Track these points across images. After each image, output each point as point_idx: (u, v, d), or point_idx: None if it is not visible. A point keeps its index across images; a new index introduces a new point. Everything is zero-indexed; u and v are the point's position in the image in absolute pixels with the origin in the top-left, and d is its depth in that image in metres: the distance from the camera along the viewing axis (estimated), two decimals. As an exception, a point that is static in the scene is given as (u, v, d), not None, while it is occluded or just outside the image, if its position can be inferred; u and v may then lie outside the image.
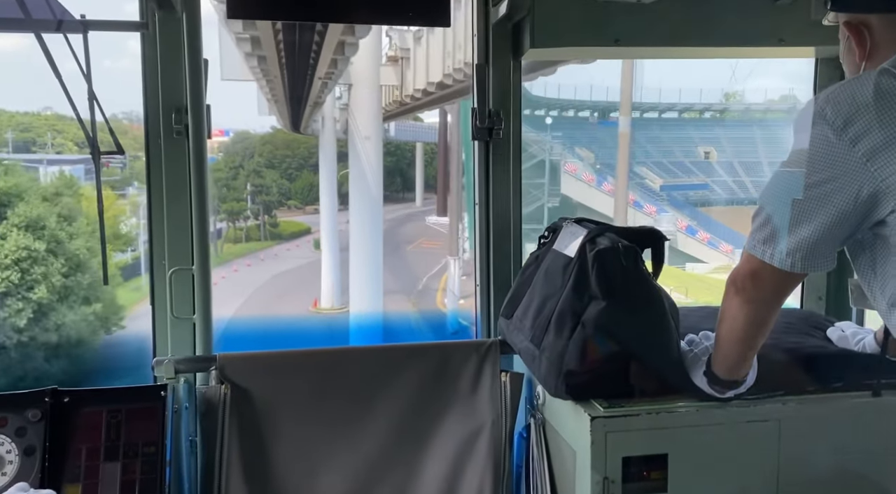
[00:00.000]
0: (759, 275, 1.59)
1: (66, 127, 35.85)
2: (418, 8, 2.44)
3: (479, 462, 2.17)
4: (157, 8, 2.18)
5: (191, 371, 2.18)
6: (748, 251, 1.60)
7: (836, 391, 1.93)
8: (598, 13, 2.27)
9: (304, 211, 41.85)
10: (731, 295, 1.67)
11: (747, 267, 1.61)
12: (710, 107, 37.65)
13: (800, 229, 1.50)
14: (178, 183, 2.26)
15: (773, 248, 1.54)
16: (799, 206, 1.50)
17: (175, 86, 2.23)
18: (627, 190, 32.06)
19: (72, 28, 2.18)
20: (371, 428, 2.16)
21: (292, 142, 42.08)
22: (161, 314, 2.30)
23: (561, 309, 1.92)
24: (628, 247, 1.87)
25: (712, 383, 1.80)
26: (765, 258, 1.55)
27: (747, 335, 1.69)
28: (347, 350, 2.27)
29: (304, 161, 41.85)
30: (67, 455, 1.88)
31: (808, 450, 1.88)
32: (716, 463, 1.84)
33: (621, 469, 1.78)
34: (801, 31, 2.39)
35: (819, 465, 1.89)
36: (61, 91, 2.12)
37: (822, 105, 1.47)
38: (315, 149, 37.50)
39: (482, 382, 2.22)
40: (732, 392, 1.82)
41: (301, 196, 42.64)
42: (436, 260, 29.88)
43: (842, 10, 1.63)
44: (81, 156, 34.04)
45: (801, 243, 1.50)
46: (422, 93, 20.43)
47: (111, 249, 25.24)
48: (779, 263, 1.53)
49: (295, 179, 42.83)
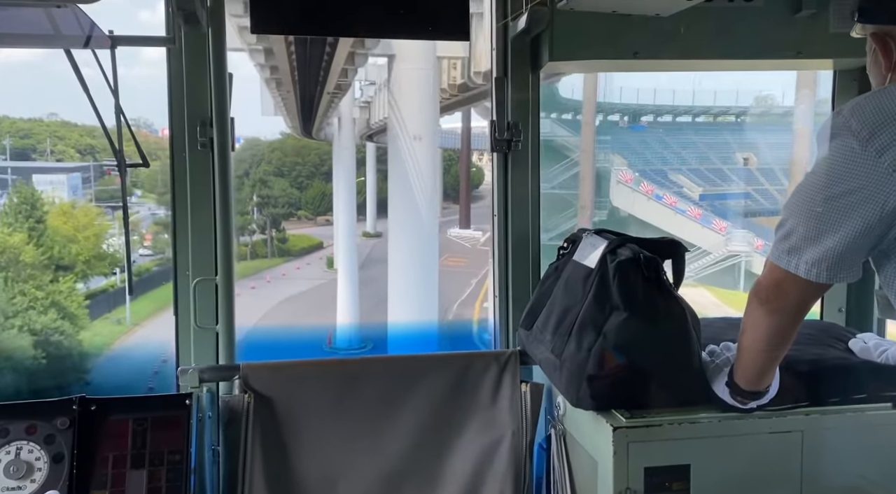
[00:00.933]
0: (783, 286, 1.59)
1: (68, 133, 34.48)
2: (438, 22, 2.48)
3: (500, 472, 2.17)
4: (183, 23, 2.22)
5: (215, 380, 2.20)
6: (772, 261, 1.60)
7: (858, 403, 1.92)
8: (617, 27, 2.29)
9: (314, 222, 40.02)
10: (754, 305, 1.67)
11: (771, 277, 1.61)
12: (748, 110, 33.48)
13: (825, 240, 1.50)
14: (203, 194, 2.30)
15: (797, 258, 1.54)
16: (824, 217, 1.50)
17: (200, 99, 2.28)
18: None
19: (100, 43, 2.23)
20: (391, 438, 2.17)
21: (302, 149, 40.34)
22: (184, 323, 2.34)
23: (582, 320, 1.93)
24: (650, 257, 1.89)
25: (735, 394, 1.80)
26: (789, 268, 1.55)
27: (770, 345, 1.69)
28: (369, 359, 2.29)
29: (316, 169, 40.30)
30: (95, 463, 1.90)
31: (831, 462, 1.87)
32: (739, 475, 1.84)
33: (643, 480, 1.79)
34: (819, 43, 2.40)
35: (842, 477, 1.88)
36: (75, 101, 2.16)
37: (848, 116, 1.48)
38: (327, 157, 35.46)
39: (502, 392, 2.23)
40: (755, 403, 1.81)
41: (312, 206, 40.73)
42: (464, 282, 27.08)
43: (869, 22, 1.64)
44: (77, 164, 32.29)
45: (826, 253, 1.51)
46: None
47: (91, 272, 23.75)
48: (804, 273, 1.53)
49: (305, 188, 40.75)
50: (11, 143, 33.02)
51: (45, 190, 27.42)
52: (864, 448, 1.88)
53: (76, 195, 30.66)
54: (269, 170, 39.91)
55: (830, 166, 1.50)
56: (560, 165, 26.94)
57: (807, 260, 1.53)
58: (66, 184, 30.48)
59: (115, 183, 30.07)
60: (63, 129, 34.80)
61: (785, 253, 1.56)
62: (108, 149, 2.21)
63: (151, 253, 29.03)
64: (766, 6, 2.37)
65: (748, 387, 1.79)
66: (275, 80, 19.44)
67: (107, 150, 2.21)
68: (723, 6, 2.35)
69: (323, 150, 38.68)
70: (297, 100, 20.73)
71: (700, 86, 32.27)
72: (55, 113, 35.23)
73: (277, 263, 34.53)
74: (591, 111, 23.82)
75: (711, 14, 2.32)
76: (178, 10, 2.12)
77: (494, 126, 2.50)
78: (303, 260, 35.32)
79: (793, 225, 1.56)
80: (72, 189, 30.60)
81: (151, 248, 29.42)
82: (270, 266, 33.71)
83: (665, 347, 1.87)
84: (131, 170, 2.19)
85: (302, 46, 14.63)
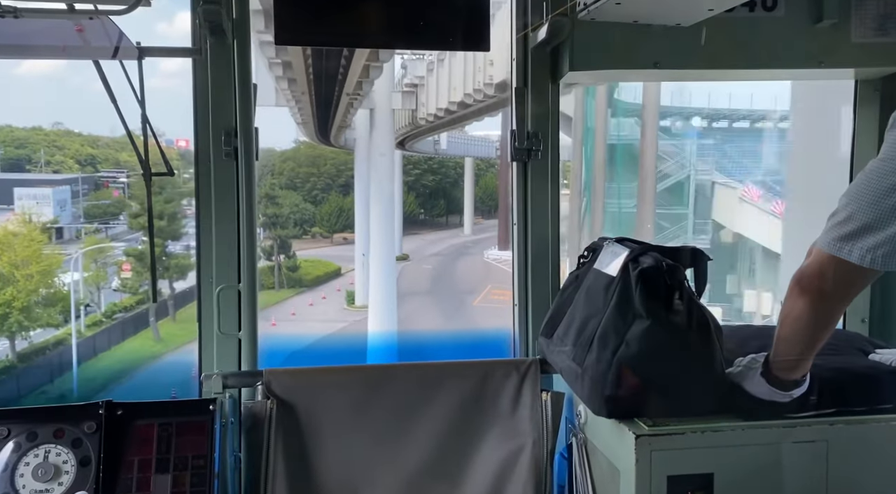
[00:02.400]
0: (831, 273, 1.59)
1: (68, 143, 31.31)
2: (458, 34, 2.51)
3: (521, 481, 2.17)
4: (209, 35, 2.26)
5: (238, 386, 2.22)
6: (821, 248, 1.60)
7: (884, 412, 1.90)
8: (637, 37, 2.30)
9: (330, 240, 36.20)
10: (795, 294, 1.66)
11: (817, 264, 1.61)
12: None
13: (886, 226, 1.50)
14: (227, 203, 2.33)
15: (851, 245, 1.54)
16: (885, 204, 1.51)
17: (225, 109, 2.31)
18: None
19: (127, 54, 2.28)
20: (412, 444, 2.18)
21: (318, 159, 37.28)
22: (207, 330, 2.36)
23: (604, 329, 1.93)
24: (672, 266, 1.89)
25: (772, 384, 1.79)
26: (841, 254, 1.55)
27: (811, 334, 1.69)
28: (390, 367, 2.30)
29: (332, 180, 37.53)
30: (121, 467, 1.92)
31: (857, 472, 1.85)
32: (762, 484, 1.83)
33: (666, 489, 1.78)
34: (841, 53, 2.40)
35: (867, 487, 1.86)
36: (84, 110, 2.21)
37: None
38: (345, 167, 32.67)
39: (522, 401, 2.23)
40: (797, 391, 1.80)
41: (328, 223, 36.94)
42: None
43: None
44: (65, 175, 28.05)
45: (885, 240, 1.51)
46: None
47: (31, 324, 18.47)
48: (857, 259, 1.53)
49: (321, 203, 37.41)
50: (3, 153, 29.91)
51: (27, 205, 23.73)
52: (890, 459, 1.86)
53: (63, 211, 26.77)
54: (279, 183, 36.18)
55: (893, 153, 1.51)
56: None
57: (862, 246, 1.53)
58: (52, 199, 26.23)
59: (108, 197, 27.85)
60: (63, 139, 31.92)
61: (838, 240, 1.56)
62: (110, 160, 2.25)
63: (123, 289, 23.34)
64: (787, 16, 2.37)
65: (786, 376, 1.78)
66: (287, 79, 18.07)
67: (109, 161, 2.26)
68: (743, 16, 2.36)
69: (340, 160, 35.82)
70: (312, 104, 19.11)
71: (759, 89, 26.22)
72: (60, 122, 32.92)
73: (286, 296, 28.41)
74: (653, 115, 18.69)
75: (732, 24, 2.33)
76: (204, 21, 2.17)
77: (514, 135, 2.52)
78: (317, 292, 29.30)
79: (851, 211, 1.56)
80: (58, 204, 26.68)
81: (124, 284, 23.52)
82: (278, 300, 27.14)
83: (688, 355, 1.86)
84: (129, 182, 2.21)
85: (318, 58, 14.69)
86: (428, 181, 41.08)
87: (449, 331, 19.32)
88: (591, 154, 17.20)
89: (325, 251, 33.58)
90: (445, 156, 36.47)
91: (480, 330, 18.48)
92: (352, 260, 27.32)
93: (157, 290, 16.01)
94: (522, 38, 2.51)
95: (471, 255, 31.42)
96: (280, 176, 37.28)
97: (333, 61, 15.82)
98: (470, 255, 31.57)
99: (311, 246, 34.52)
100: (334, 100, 18.50)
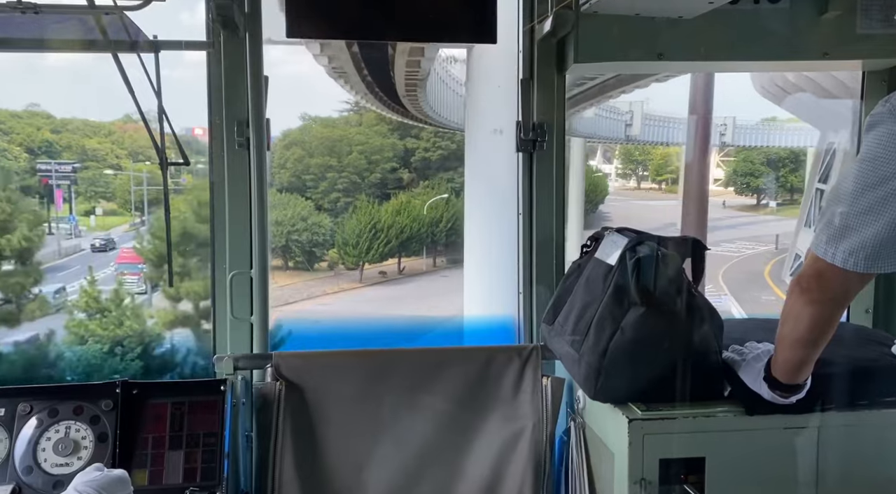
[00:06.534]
0: (825, 276, 1.57)
1: (19, 125, 22.41)
2: (465, 26, 2.55)
3: (521, 463, 2.23)
4: (222, 28, 2.34)
5: (248, 368, 2.31)
6: (812, 251, 1.59)
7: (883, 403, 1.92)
8: (641, 29, 2.33)
9: (359, 277, 22.61)
10: (794, 295, 1.64)
11: (812, 267, 1.59)
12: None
13: (864, 228, 1.48)
14: (239, 191, 2.41)
15: (835, 248, 1.52)
16: (864, 204, 1.48)
17: (237, 101, 2.38)
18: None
19: (145, 48, 2.36)
20: (417, 426, 2.25)
21: (338, 144, 24.10)
22: (221, 314, 2.45)
23: (601, 315, 1.98)
24: (668, 254, 1.93)
25: (774, 388, 1.78)
26: (826, 257, 1.54)
27: (810, 337, 1.67)
28: (395, 351, 2.37)
29: (361, 177, 24.08)
30: (136, 443, 2.02)
31: (847, 460, 1.89)
32: (753, 469, 1.87)
33: (658, 471, 1.83)
34: (846, 44, 2.40)
35: (859, 475, 1.89)
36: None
37: (894, 102, 1.48)
38: (376, 154, 22.80)
39: (524, 386, 2.29)
40: (795, 397, 1.79)
41: (355, 248, 22.50)
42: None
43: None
44: None
45: (864, 242, 1.48)
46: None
47: None
48: (840, 262, 1.51)
49: (344, 213, 23.83)
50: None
51: None
52: (881, 447, 1.89)
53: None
54: (282, 182, 23.77)
55: (873, 153, 1.49)
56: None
57: (844, 249, 1.50)
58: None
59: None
60: (12, 120, 22.80)
61: (823, 243, 1.54)
62: (74, 148, 2.34)
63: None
64: (792, 7, 2.38)
65: (788, 381, 1.76)
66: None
67: (72, 149, 2.33)
68: (748, 8, 2.37)
69: (372, 146, 24.10)
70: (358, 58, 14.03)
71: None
72: (36, 103, 23.83)
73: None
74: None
75: (736, 16, 2.35)
76: (217, 15, 2.24)
77: (520, 126, 2.56)
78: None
79: (833, 213, 1.54)
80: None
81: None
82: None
83: (682, 342, 1.90)
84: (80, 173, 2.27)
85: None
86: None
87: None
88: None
89: (350, 300, 20.51)
90: (637, 143, 27.84)
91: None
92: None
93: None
94: (529, 30, 2.54)
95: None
96: (282, 170, 24.11)
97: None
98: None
99: (322, 281, 22.00)
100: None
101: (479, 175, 9.29)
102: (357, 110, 25.37)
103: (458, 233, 20.68)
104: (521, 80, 2.58)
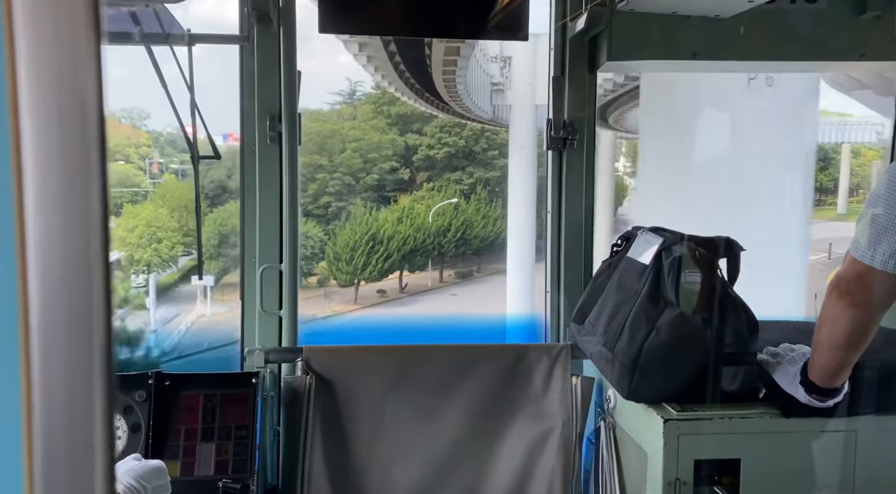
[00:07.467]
0: (864, 278, 1.55)
1: None
2: (498, 23, 2.55)
3: (550, 462, 2.23)
4: (256, 23, 2.34)
5: (279, 361, 2.31)
6: (851, 253, 1.58)
7: None
8: (676, 27, 2.31)
9: (354, 296, 19.27)
10: (833, 299, 1.62)
11: (852, 270, 1.58)
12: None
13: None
14: (270, 186, 2.41)
15: (874, 250, 1.51)
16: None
17: (270, 95, 2.39)
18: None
19: (178, 41, 2.37)
20: (445, 423, 2.24)
21: (329, 140, 21.00)
22: (250, 308, 2.46)
23: (635, 315, 1.97)
24: (705, 255, 1.91)
25: (810, 392, 1.76)
26: (864, 259, 1.53)
27: (849, 341, 1.64)
28: (425, 347, 2.36)
29: (355, 179, 20.80)
30: (168, 434, 2.03)
31: (885, 465, 1.87)
32: (789, 472, 1.85)
33: (693, 472, 1.82)
34: (884, 45, 2.38)
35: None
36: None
37: None
38: (378, 153, 20.08)
39: (553, 384, 2.28)
40: (832, 401, 1.76)
41: (348, 265, 19.21)
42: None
43: None
44: None
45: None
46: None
47: None
48: (880, 265, 1.50)
49: (337, 220, 20.75)
50: None
51: None
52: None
53: None
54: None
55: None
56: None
57: (884, 251, 1.50)
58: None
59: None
60: None
61: (863, 246, 1.54)
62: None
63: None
64: (830, 8, 2.36)
65: (825, 384, 1.74)
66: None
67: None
68: (785, 7, 2.35)
69: (368, 143, 21.03)
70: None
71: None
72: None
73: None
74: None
75: (773, 16, 2.33)
76: (252, 10, 2.24)
77: (550, 124, 2.55)
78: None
79: (873, 216, 1.53)
80: None
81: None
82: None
83: (718, 343, 1.89)
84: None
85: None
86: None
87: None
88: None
89: (343, 329, 16.03)
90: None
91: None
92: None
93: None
94: (561, 27, 2.53)
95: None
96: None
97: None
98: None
99: (312, 302, 17.81)
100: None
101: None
102: (350, 102, 23.07)
103: (468, 244, 18.88)
104: (552, 78, 2.57)
